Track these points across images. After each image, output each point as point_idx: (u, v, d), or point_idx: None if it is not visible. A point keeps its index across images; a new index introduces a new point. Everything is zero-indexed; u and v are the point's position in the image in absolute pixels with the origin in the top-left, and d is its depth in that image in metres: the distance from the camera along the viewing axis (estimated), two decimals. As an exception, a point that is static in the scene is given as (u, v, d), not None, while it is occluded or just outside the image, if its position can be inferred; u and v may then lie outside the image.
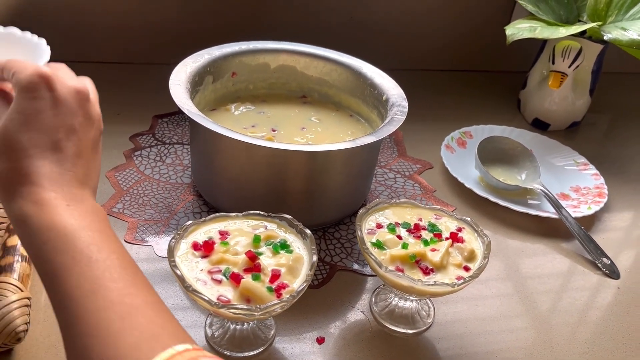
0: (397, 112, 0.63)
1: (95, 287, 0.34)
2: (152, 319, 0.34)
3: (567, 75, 0.84)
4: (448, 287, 0.47)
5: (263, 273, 0.45)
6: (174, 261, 0.45)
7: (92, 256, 0.35)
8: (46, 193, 0.37)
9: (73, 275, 0.34)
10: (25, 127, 0.38)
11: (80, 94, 0.41)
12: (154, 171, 0.70)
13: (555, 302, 0.61)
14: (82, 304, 0.33)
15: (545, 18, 0.85)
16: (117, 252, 0.37)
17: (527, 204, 0.73)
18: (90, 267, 0.35)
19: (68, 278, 0.34)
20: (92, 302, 0.33)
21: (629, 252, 0.69)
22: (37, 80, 0.38)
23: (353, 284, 0.59)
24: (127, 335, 0.32)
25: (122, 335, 0.32)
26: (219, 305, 0.42)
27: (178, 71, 0.64)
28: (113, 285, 0.35)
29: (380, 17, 0.98)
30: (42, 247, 0.35)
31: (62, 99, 0.39)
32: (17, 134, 0.37)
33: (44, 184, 0.37)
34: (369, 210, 0.55)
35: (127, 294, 0.35)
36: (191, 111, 0.57)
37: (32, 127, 0.38)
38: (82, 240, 0.36)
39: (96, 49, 0.90)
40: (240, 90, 0.74)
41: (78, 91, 0.41)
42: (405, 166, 0.78)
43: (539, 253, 0.67)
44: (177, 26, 0.91)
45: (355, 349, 0.52)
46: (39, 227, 0.36)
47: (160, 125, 0.79)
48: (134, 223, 0.62)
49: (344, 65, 0.73)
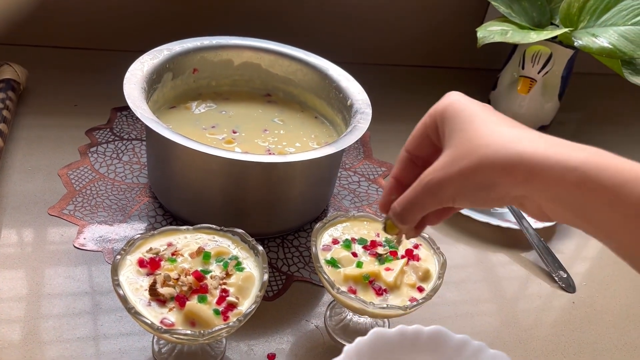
0: (360, 119, 0.62)
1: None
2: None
3: (535, 81, 0.83)
4: (400, 311, 0.47)
5: (210, 294, 0.44)
6: (117, 280, 0.44)
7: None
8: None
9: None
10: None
11: None
12: (109, 169, 0.68)
13: (508, 314, 0.61)
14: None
15: (518, 20, 0.84)
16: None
17: (489, 212, 0.73)
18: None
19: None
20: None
21: (586, 265, 0.70)
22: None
23: (309, 295, 0.58)
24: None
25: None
26: (161, 330, 0.41)
27: (134, 69, 0.61)
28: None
29: (350, 9, 0.95)
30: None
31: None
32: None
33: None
34: (326, 225, 0.53)
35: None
36: (144, 115, 0.55)
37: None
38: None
39: (56, 32, 0.86)
40: (202, 87, 0.72)
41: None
42: (371, 169, 0.77)
43: (498, 264, 0.67)
44: (143, 12, 0.87)
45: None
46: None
47: (119, 119, 0.76)
48: (85, 226, 0.60)
49: (310, 66, 0.71)
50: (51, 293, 0.53)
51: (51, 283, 0.54)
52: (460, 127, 0.37)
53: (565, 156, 0.33)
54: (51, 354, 0.48)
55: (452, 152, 0.37)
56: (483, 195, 0.36)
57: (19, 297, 0.52)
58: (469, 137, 0.36)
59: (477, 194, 0.36)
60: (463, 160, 0.36)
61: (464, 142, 0.37)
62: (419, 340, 0.46)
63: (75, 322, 0.51)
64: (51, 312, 0.51)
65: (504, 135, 0.35)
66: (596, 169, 0.32)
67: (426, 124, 0.41)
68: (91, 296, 0.53)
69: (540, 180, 0.34)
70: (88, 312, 0.52)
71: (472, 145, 0.36)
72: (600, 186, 0.32)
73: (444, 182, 0.37)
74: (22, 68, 0.76)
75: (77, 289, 0.54)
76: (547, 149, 0.34)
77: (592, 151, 0.33)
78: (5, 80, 0.72)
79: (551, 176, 0.33)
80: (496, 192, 0.36)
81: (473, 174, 0.36)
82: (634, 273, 0.71)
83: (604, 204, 0.32)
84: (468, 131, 0.37)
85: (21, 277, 0.54)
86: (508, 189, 0.35)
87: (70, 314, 0.51)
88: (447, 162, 0.37)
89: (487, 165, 0.35)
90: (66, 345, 0.49)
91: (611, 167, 0.32)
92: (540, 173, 0.33)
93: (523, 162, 0.34)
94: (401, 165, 0.42)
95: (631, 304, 0.65)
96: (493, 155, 0.35)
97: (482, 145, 0.35)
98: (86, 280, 0.55)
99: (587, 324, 0.61)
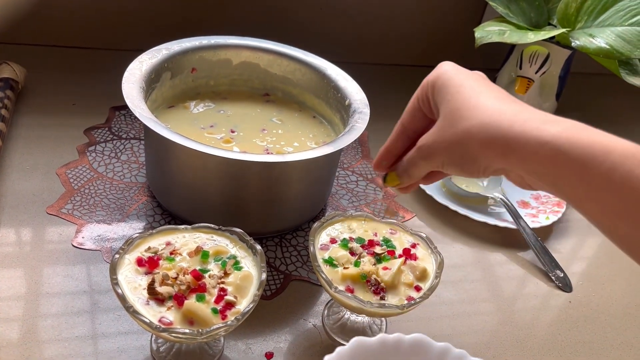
0: (358, 119, 0.62)
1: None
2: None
3: (533, 81, 0.83)
4: (397, 310, 0.47)
5: (208, 293, 0.44)
6: (116, 279, 0.44)
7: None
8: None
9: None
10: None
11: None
12: (107, 169, 0.68)
13: (505, 314, 0.61)
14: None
15: (515, 21, 0.85)
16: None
17: (487, 211, 0.73)
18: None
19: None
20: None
21: (583, 264, 0.70)
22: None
23: (307, 294, 0.59)
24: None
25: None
26: (159, 329, 0.41)
27: (132, 68, 0.61)
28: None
29: (348, 9, 0.96)
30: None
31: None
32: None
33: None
34: (324, 224, 0.54)
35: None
36: (143, 114, 0.55)
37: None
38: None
39: (54, 31, 0.86)
40: (201, 86, 0.72)
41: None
42: (368, 168, 0.78)
43: (495, 263, 0.68)
44: (142, 12, 0.87)
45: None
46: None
47: (117, 118, 0.76)
48: (83, 225, 0.60)
49: (308, 65, 0.71)
50: (49, 292, 0.53)
51: (49, 282, 0.54)
52: (448, 97, 0.39)
53: (540, 131, 0.35)
54: (49, 353, 0.48)
55: (441, 121, 0.39)
56: (468, 166, 0.38)
57: (17, 296, 0.52)
58: (456, 107, 0.38)
59: (462, 164, 0.39)
60: (449, 130, 0.38)
61: (452, 111, 0.39)
62: (400, 348, 0.45)
63: (74, 320, 0.51)
64: (50, 311, 0.51)
65: (487, 108, 0.37)
66: (568, 143, 0.33)
67: (418, 96, 0.43)
68: (89, 295, 0.53)
69: (517, 155, 0.35)
70: (86, 311, 0.52)
71: (457, 116, 0.38)
72: (570, 159, 0.33)
73: (433, 149, 0.40)
74: (21, 67, 0.76)
75: (76, 288, 0.54)
76: (523, 123, 0.35)
77: (567, 125, 0.35)
78: (4, 79, 0.72)
79: (526, 151, 0.35)
80: (479, 163, 0.38)
81: (457, 146, 0.38)
82: (631, 272, 0.71)
83: (573, 176, 0.34)
84: (456, 101, 0.39)
85: (19, 276, 0.54)
86: (489, 162, 0.37)
87: (69, 312, 0.51)
88: (436, 130, 0.40)
89: (468, 138, 0.37)
90: (64, 344, 0.49)
91: (583, 140, 0.33)
92: (516, 148, 0.35)
93: (501, 138, 0.36)
94: (394, 136, 0.45)
95: (628, 303, 0.65)
96: (474, 129, 0.37)
97: (465, 117, 0.37)
98: (84, 279, 0.55)
99: (583, 323, 0.62)
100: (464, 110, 0.38)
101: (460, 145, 0.38)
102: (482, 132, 0.36)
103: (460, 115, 0.38)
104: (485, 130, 0.36)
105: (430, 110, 0.42)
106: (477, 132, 0.37)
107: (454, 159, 0.39)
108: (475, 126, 0.37)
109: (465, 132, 0.37)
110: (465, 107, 0.38)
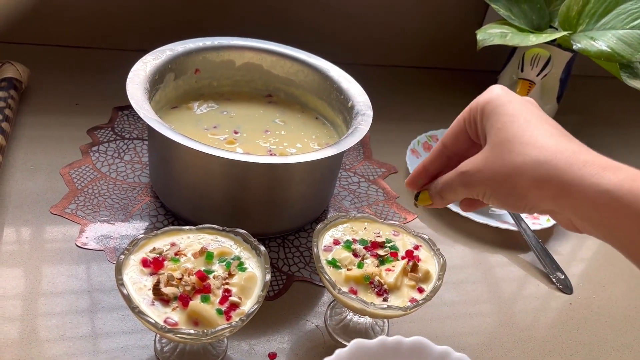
0: (361, 121, 0.62)
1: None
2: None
3: (534, 84, 0.84)
4: (400, 311, 0.47)
5: (213, 294, 0.45)
6: (121, 279, 0.44)
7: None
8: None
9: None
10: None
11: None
12: (111, 169, 0.68)
13: (505, 315, 0.62)
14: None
15: (517, 23, 0.85)
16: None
17: (488, 213, 0.74)
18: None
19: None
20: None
21: (583, 266, 0.71)
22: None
23: (309, 295, 0.59)
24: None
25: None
26: (165, 330, 0.41)
27: (136, 69, 0.62)
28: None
29: (351, 11, 0.96)
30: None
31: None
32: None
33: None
34: (327, 226, 0.54)
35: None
36: (147, 115, 0.55)
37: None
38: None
39: (58, 31, 0.86)
40: (204, 87, 0.72)
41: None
42: (370, 170, 0.78)
43: (496, 265, 0.68)
44: (146, 12, 0.87)
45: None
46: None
47: (120, 118, 0.77)
48: (87, 225, 0.60)
49: (311, 67, 0.71)
50: (53, 291, 0.53)
51: (53, 281, 0.54)
52: (499, 125, 0.37)
53: (600, 178, 0.33)
54: (53, 352, 0.48)
55: (489, 150, 0.37)
56: (513, 201, 0.36)
57: (21, 295, 0.52)
58: (508, 138, 0.36)
59: (507, 199, 0.37)
60: (497, 162, 0.36)
61: (503, 142, 0.36)
62: (399, 351, 0.45)
63: (77, 320, 0.51)
64: (53, 310, 0.51)
65: (543, 145, 0.35)
66: (630, 194, 0.32)
67: (465, 118, 0.41)
68: (93, 295, 0.54)
69: (572, 198, 0.33)
70: (90, 310, 0.52)
71: (508, 149, 0.36)
72: (632, 212, 0.32)
73: (477, 178, 0.37)
74: (24, 67, 0.76)
75: (79, 288, 0.54)
76: (582, 167, 0.33)
77: (629, 173, 0.33)
78: (8, 79, 0.73)
79: (583, 196, 0.33)
80: (526, 201, 0.36)
81: (504, 179, 0.36)
82: (631, 275, 0.72)
83: (634, 228, 0.32)
84: (507, 132, 0.36)
85: (23, 276, 0.54)
86: (538, 202, 0.35)
87: (72, 312, 0.52)
88: (483, 159, 0.37)
89: (518, 175, 0.35)
90: (68, 343, 0.49)
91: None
92: (572, 192, 0.33)
93: (556, 179, 0.34)
94: (434, 156, 0.43)
95: (628, 305, 0.66)
96: (528, 166, 0.35)
97: (517, 152, 0.35)
98: (88, 279, 0.55)
99: (584, 325, 0.62)
100: (517, 143, 0.35)
101: (508, 179, 0.36)
102: (536, 170, 0.34)
103: (512, 148, 0.36)
104: (539, 169, 0.34)
105: (476, 134, 0.40)
106: (531, 170, 0.34)
107: (499, 192, 0.37)
108: (529, 163, 0.35)
109: (517, 168, 0.35)
110: (518, 140, 0.36)
